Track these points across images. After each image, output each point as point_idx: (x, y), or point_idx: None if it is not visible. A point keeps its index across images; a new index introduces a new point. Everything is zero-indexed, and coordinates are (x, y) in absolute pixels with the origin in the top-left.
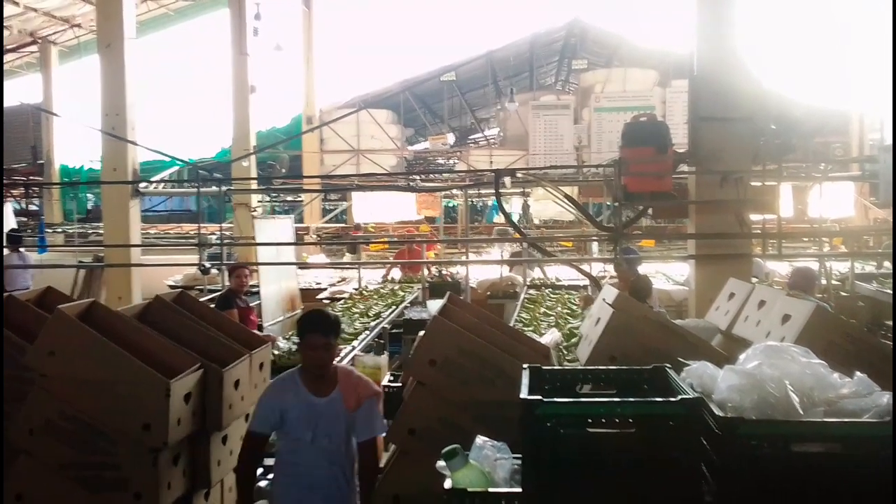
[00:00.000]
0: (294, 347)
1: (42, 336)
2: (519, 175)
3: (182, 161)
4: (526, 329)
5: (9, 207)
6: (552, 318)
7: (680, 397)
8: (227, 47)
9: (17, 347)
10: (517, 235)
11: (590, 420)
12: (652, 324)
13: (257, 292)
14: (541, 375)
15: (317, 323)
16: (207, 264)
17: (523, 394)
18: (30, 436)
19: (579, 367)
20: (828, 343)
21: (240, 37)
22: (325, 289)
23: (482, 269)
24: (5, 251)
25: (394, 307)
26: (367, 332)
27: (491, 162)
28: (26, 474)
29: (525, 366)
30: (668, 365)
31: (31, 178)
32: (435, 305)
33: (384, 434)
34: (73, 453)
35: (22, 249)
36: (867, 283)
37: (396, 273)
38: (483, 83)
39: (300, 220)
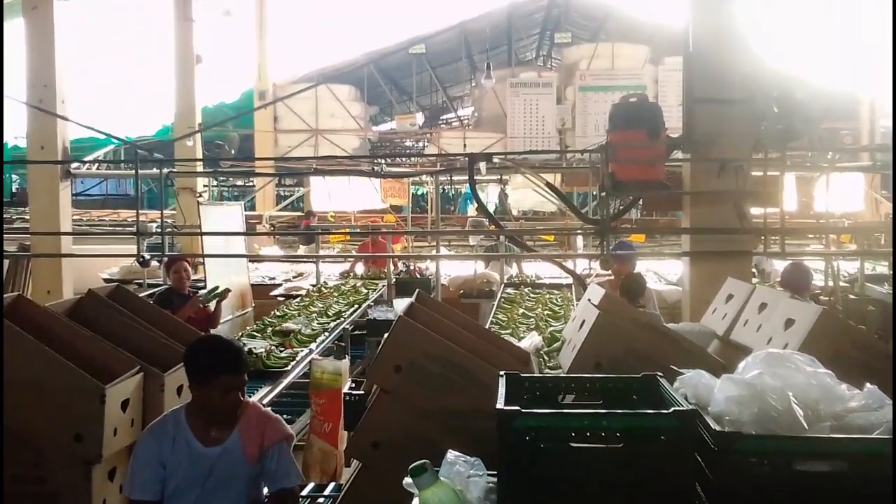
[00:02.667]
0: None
1: None
2: (495, 160)
3: (118, 139)
4: (503, 332)
5: None
6: (532, 320)
7: (672, 409)
8: (169, 12)
9: None
10: (493, 228)
11: (573, 433)
12: (642, 327)
13: (203, 287)
14: (519, 384)
15: (228, 360)
16: (147, 255)
17: (499, 404)
18: None
19: (562, 375)
20: (835, 351)
21: (184, 0)
22: (280, 284)
23: (454, 264)
24: None
25: (356, 306)
26: (327, 333)
27: (464, 145)
28: None
29: (502, 373)
30: (659, 373)
31: None
32: (401, 305)
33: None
34: None
35: None
36: (878, 284)
37: (362, 268)
38: (456, 57)
39: (251, 207)
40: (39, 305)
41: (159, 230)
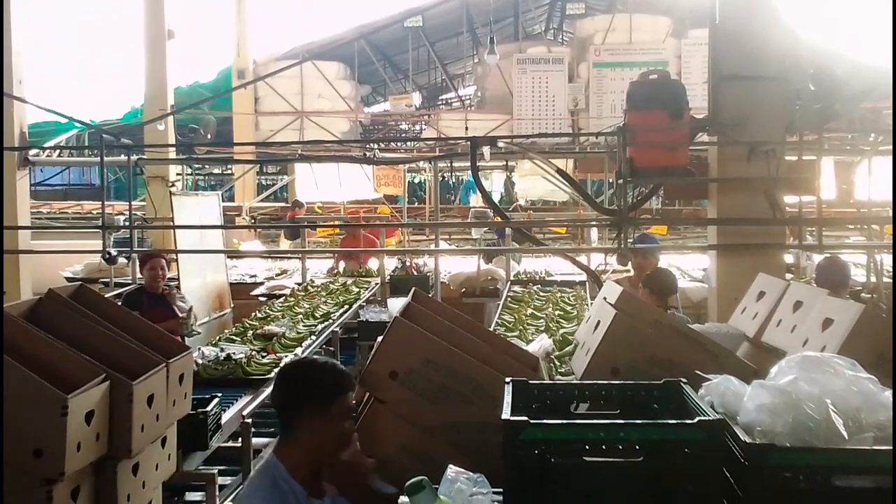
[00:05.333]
0: (223, 355)
1: None
2: (501, 144)
3: (82, 123)
4: (509, 335)
5: None
6: (541, 321)
7: (697, 419)
8: None
9: None
10: (498, 219)
11: (587, 446)
12: (664, 329)
13: (177, 286)
14: (527, 392)
15: (347, 375)
16: (113, 251)
17: (505, 414)
18: None
19: (574, 382)
20: (878, 354)
21: None
22: (262, 283)
23: (455, 260)
24: None
25: (346, 307)
26: (314, 337)
27: (466, 128)
28: None
29: (508, 380)
30: (683, 380)
31: None
32: (397, 304)
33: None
34: None
35: None
36: None
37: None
38: (456, 31)
39: (230, 197)
40: None
41: (127, 223)
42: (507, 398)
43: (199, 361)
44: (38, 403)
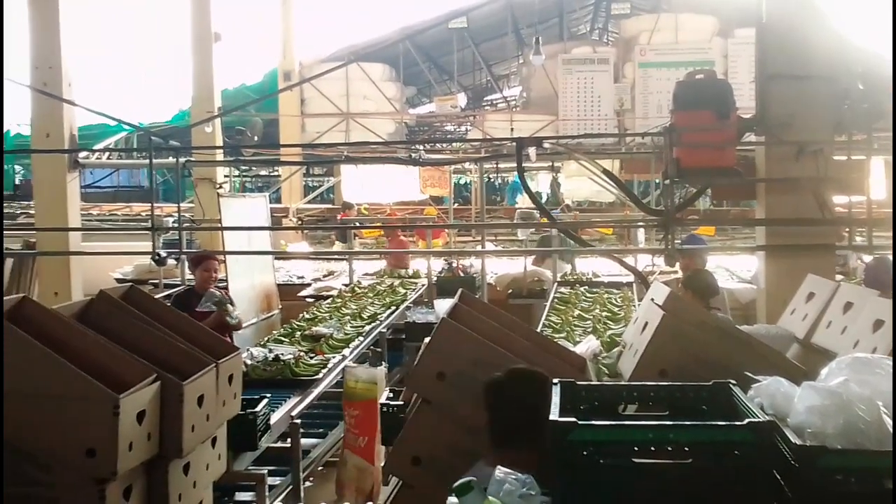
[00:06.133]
0: (271, 355)
1: None
2: (546, 145)
3: (131, 125)
4: (556, 336)
5: None
6: (588, 322)
7: (747, 421)
8: None
9: None
10: (545, 220)
11: (636, 448)
12: (712, 330)
13: (225, 288)
14: (575, 393)
15: None
16: (163, 253)
17: (553, 415)
18: None
19: (622, 384)
20: None
21: None
22: (309, 284)
23: (502, 261)
24: None
25: (393, 308)
26: (361, 338)
27: (511, 129)
28: None
29: (556, 381)
30: (732, 381)
31: None
32: (444, 306)
33: None
34: (2, 482)
35: None
36: None
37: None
38: (501, 32)
39: (277, 199)
40: (46, 308)
41: (176, 225)
42: (555, 399)
43: (248, 362)
44: (90, 403)
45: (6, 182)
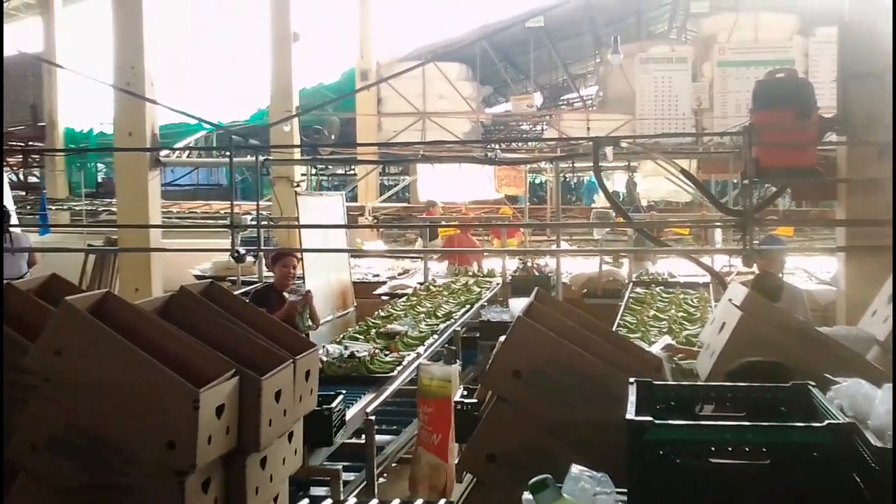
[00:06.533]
0: (346, 352)
1: (46, 333)
2: (623, 145)
3: (211, 124)
4: (631, 336)
5: (3, 180)
6: (664, 322)
7: (826, 422)
8: None
9: (17, 346)
10: (621, 220)
11: (712, 448)
12: (790, 332)
13: (302, 285)
14: (651, 392)
15: None
16: (242, 250)
17: (629, 414)
18: (32, 452)
19: (699, 384)
20: None
21: None
22: (384, 282)
23: (577, 261)
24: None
25: (468, 306)
26: (436, 336)
27: (588, 128)
28: (26, 497)
29: (632, 380)
30: (811, 383)
31: (31, 143)
32: (518, 304)
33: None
34: (83, 474)
35: (13, 229)
36: None
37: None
38: (578, 31)
39: (353, 197)
40: (129, 303)
41: (255, 223)
42: (631, 398)
43: (324, 359)
44: (171, 397)
45: (89, 180)
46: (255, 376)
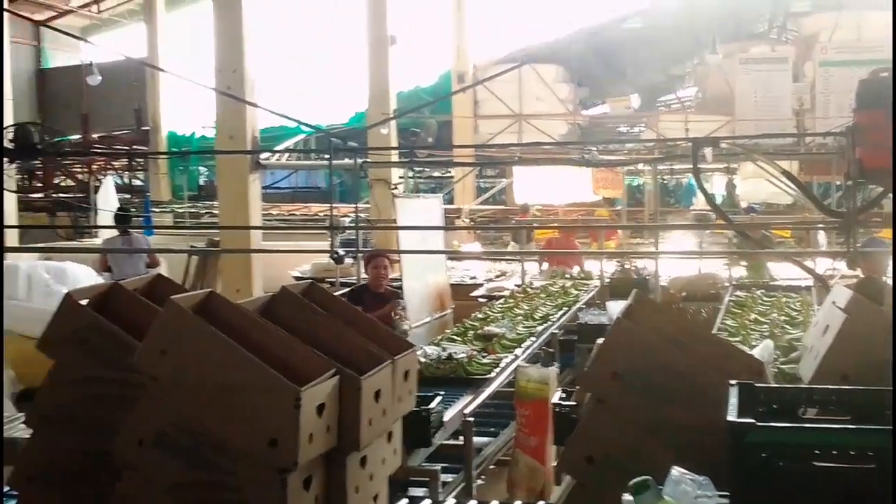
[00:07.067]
0: (444, 354)
1: (152, 332)
2: (723, 146)
3: (311, 127)
4: (732, 339)
5: (109, 183)
6: (765, 326)
7: None
8: None
9: (124, 345)
10: (721, 221)
11: (817, 451)
12: None
13: (399, 287)
14: (753, 395)
15: None
16: (340, 251)
17: (731, 416)
18: (139, 448)
19: (802, 387)
20: None
21: None
22: (481, 284)
23: (676, 263)
24: (111, 233)
25: (565, 309)
26: (533, 338)
27: (686, 130)
28: (133, 493)
29: (733, 382)
30: None
31: (135, 147)
32: (616, 307)
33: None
34: (187, 471)
35: (132, 231)
36: None
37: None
38: (677, 31)
39: (450, 200)
40: (232, 303)
41: (353, 225)
42: (733, 400)
43: (422, 360)
44: (273, 395)
45: (191, 183)
46: (355, 375)
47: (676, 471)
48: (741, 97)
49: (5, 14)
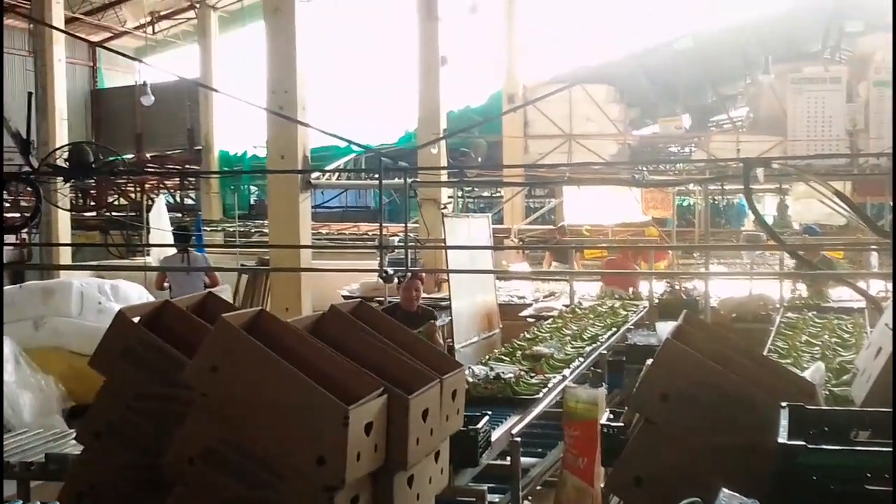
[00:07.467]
0: (492, 373)
1: (203, 349)
2: (774, 166)
3: (361, 146)
4: (783, 361)
5: (161, 202)
6: (817, 348)
7: None
8: (412, 10)
9: (175, 362)
10: (772, 242)
11: (868, 475)
12: None
13: (448, 307)
14: (804, 417)
15: None
16: (390, 270)
17: (782, 438)
18: (189, 465)
19: (854, 409)
20: None
21: None
22: (530, 304)
23: (726, 284)
24: (169, 252)
25: (614, 329)
26: (581, 358)
27: (738, 150)
28: None
29: (784, 404)
30: None
31: (187, 166)
32: (665, 328)
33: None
34: (236, 487)
35: (191, 249)
36: None
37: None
38: (728, 51)
39: (499, 220)
40: (282, 321)
41: (402, 244)
42: (783, 422)
43: (469, 380)
44: (321, 413)
45: (242, 202)
46: (403, 394)
47: (725, 493)
48: (794, 117)
49: (63, 35)
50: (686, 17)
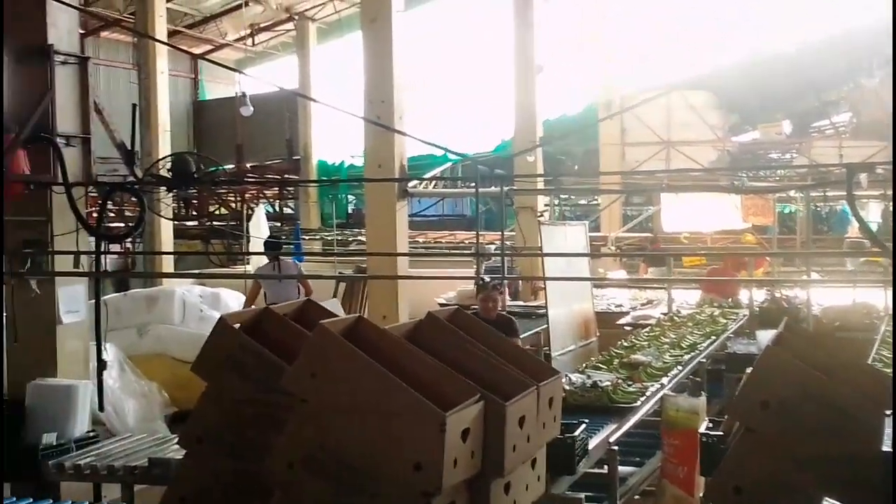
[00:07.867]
0: (589, 382)
1: (303, 355)
2: (879, 171)
3: (457, 155)
4: (887, 371)
5: (261, 211)
6: None
7: None
8: (508, 17)
9: (275, 368)
10: (877, 249)
11: None
12: None
13: (544, 315)
14: None
15: None
16: (486, 278)
17: (887, 447)
18: (288, 470)
19: None
20: None
21: (525, 4)
22: (627, 312)
23: (829, 293)
24: (263, 260)
25: (713, 338)
26: (680, 367)
27: (840, 155)
28: None
29: (888, 412)
30: None
31: (286, 175)
32: (765, 336)
33: None
34: (334, 493)
35: (282, 258)
36: None
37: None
38: (831, 55)
39: (596, 227)
40: (379, 328)
41: (499, 251)
42: (888, 431)
43: (566, 388)
44: (418, 419)
45: (339, 211)
46: (500, 401)
47: (828, 503)
48: None
49: (166, 48)
50: (788, 21)
